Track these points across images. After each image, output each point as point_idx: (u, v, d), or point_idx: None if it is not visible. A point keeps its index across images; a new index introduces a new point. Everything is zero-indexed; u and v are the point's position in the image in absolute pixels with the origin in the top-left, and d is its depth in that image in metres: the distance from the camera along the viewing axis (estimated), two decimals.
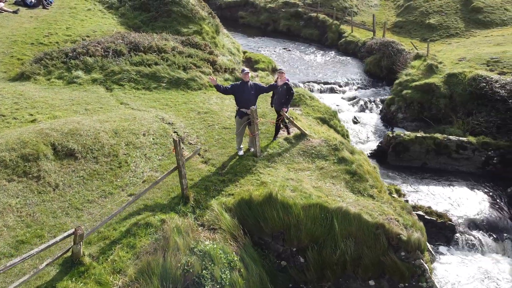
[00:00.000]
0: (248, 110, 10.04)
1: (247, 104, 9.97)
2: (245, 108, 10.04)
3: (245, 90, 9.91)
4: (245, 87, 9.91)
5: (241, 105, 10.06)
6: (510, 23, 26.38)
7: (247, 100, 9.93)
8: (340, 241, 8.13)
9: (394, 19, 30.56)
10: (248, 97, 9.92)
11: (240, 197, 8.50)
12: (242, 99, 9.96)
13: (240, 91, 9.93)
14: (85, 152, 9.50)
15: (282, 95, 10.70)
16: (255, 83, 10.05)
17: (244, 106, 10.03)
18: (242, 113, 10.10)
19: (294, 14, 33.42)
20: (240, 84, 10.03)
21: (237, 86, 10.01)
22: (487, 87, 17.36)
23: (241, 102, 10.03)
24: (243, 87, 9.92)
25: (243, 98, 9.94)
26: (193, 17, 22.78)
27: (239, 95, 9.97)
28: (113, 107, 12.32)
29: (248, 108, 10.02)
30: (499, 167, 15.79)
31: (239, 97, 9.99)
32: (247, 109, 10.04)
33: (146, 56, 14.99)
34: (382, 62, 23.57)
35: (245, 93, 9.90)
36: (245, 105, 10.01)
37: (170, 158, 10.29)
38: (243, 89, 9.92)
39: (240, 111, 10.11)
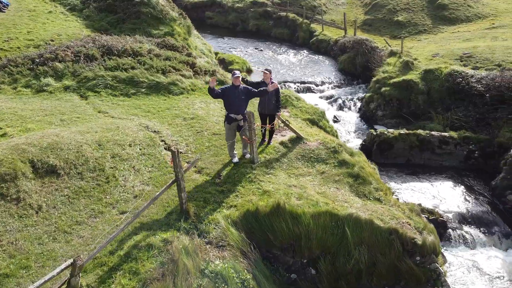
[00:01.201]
0: (238, 116, 9.47)
1: (237, 109, 9.41)
2: (234, 114, 9.46)
3: (235, 94, 9.34)
4: (235, 92, 9.34)
5: (230, 110, 9.48)
6: (474, 19, 27.19)
7: (237, 105, 9.37)
8: (353, 249, 7.75)
9: (363, 17, 30.82)
10: (238, 102, 9.35)
11: (245, 209, 7.94)
12: (232, 104, 9.39)
13: (230, 96, 9.36)
14: (68, 168, 8.62)
15: (271, 96, 10.22)
16: (245, 87, 9.50)
17: (234, 112, 9.46)
18: (231, 119, 9.52)
19: (263, 14, 33.06)
20: (230, 88, 9.45)
21: (227, 90, 9.43)
22: (464, 82, 17.62)
23: (230, 107, 9.45)
24: (233, 92, 9.35)
25: (233, 103, 9.37)
26: (163, 18, 21.89)
27: (228, 99, 9.39)
28: (91, 116, 11.40)
29: (238, 113, 9.44)
30: (481, 160, 16.03)
31: (229, 101, 9.41)
32: (236, 115, 9.46)
33: (121, 60, 14.08)
34: (357, 60, 23.59)
35: (235, 98, 9.34)
36: (234, 110, 9.44)
37: (160, 169, 9.58)
38: (233, 93, 9.35)
39: (229, 116, 9.52)
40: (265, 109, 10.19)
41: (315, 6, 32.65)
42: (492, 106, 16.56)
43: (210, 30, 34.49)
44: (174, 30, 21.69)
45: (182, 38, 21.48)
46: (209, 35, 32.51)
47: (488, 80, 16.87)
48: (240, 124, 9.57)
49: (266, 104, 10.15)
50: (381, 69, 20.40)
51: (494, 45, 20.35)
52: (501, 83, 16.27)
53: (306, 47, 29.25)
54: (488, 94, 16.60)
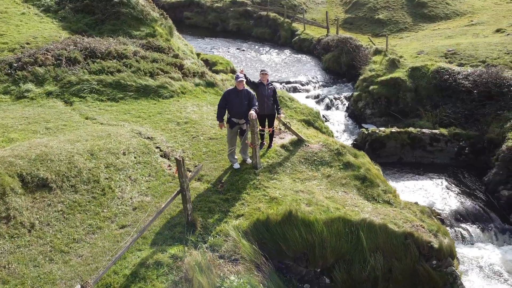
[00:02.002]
0: (240, 120, 9.08)
1: (240, 113, 9.01)
2: (236, 118, 9.07)
3: (238, 99, 8.93)
4: (238, 95, 8.94)
5: (232, 114, 9.08)
6: (453, 16, 27.59)
7: (240, 109, 8.97)
8: (369, 256, 7.46)
9: (344, 16, 30.84)
10: (241, 106, 8.95)
11: (255, 218, 7.53)
12: (235, 108, 8.99)
13: (233, 100, 8.96)
14: (60, 181, 7.99)
15: (269, 97, 9.87)
16: (248, 91, 9.09)
17: (236, 116, 9.06)
18: (233, 123, 9.12)
19: (243, 13, 32.65)
20: (232, 91, 9.04)
21: (229, 94, 9.03)
22: (451, 79, 17.73)
23: (233, 111, 9.05)
24: (236, 96, 8.94)
25: (236, 107, 8.97)
26: (144, 18, 21.13)
27: (231, 103, 8.99)
28: (78, 123, 10.72)
29: (240, 117, 9.05)
30: (471, 156, 16.14)
31: (232, 105, 9.01)
32: (239, 119, 9.07)
33: (106, 63, 13.39)
34: (342, 58, 23.50)
35: (238, 102, 8.93)
36: (237, 114, 9.04)
37: (158, 178, 9.05)
38: (236, 98, 8.95)
39: (231, 120, 9.12)
40: (264, 110, 9.79)
41: (296, 5, 32.47)
42: (480, 102, 16.71)
43: (189, 31, 33.82)
44: (156, 31, 20.99)
45: (164, 39, 20.79)
46: (188, 35, 31.84)
47: (475, 76, 17.01)
48: (243, 128, 9.17)
49: (265, 105, 9.76)
50: (368, 68, 20.34)
51: (476, 41, 20.62)
52: (489, 79, 16.42)
53: (289, 47, 29.02)
54: (475, 90, 16.73)
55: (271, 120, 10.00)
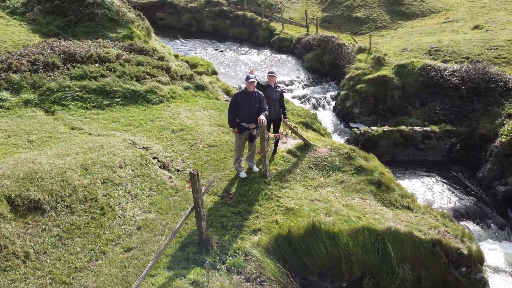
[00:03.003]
0: (251, 125, 8.48)
1: (250, 117, 8.40)
2: (246, 123, 8.45)
3: (248, 102, 8.31)
4: (248, 98, 8.31)
5: (242, 118, 8.45)
6: (429, 13, 27.91)
7: (250, 113, 8.36)
8: (397, 266, 7.02)
9: (321, 15, 30.65)
10: (251, 110, 8.34)
11: (275, 232, 6.94)
12: (245, 112, 8.35)
13: (243, 103, 8.32)
14: (54, 202, 7.12)
15: (276, 101, 9.34)
16: (258, 93, 8.48)
17: (246, 120, 8.44)
18: (243, 128, 8.50)
19: (219, 13, 31.91)
20: (242, 94, 8.40)
21: (239, 97, 8.39)
22: (438, 76, 17.72)
23: (242, 115, 8.41)
24: (246, 99, 8.32)
25: (246, 111, 8.34)
26: (120, 20, 20.09)
27: (241, 107, 8.35)
28: (64, 134, 9.78)
29: (250, 122, 8.45)
30: (462, 153, 16.16)
31: (241, 110, 8.36)
32: (249, 123, 8.47)
33: (88, 67, 12.43)
34: (324, 57, 23.21)
35: (249, 106, 8.31)
36: (247, 119, 8.42)
37: (160, 192, 8.30)
38: (246, 100, 8.32)
39: (240, 125, 8.49)
40: (271, 114, 9.21)
41: (272, 4, 32.05)
42: (468, 99, 16.76)
43: (163, 32, 32.69)
44: (134, 33, 20.00)
45: (143, 41, 19.84)
46: (162, 37, 30.77)
47: (462, 72, 17.06)
48: (252, 134, 8.56)
49: (272, 109, 9.19)
50: (353, 66, 20.11)
51: (457, 38, 20.79)
52: (476, 75, 16.48)
53: (268, 46, 28.53)
54: (463, 86, 16.77)
55: (277, 125, 9.45)
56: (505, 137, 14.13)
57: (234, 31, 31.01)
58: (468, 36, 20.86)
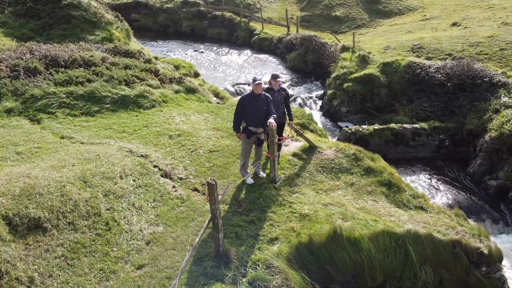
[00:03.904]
0: (258, 129, 8.16)
1: (258, 121, 8.09)
2: (254, 127, 8.13)
3: (256, 104, 7.98)
4: (256, 101, 7.98)
5: (250, 122, 8.11)
6: (406, 11, 28.31)
7: (258, 116, 8.03)
8: (419, 269, 6.85)
9: (300, 14, 30.58)
10: (259, 113, 8.02)
11: (296, 241, 6.64)
12: (253, 115, 8.02)
13: (250, 107, 7.98)
14: (55, 219, 6.57)
15: (280, 103, 9.05)
16: (266, 95, 8.15)
17: (254, 124, 8.11)
18: (251, 132, 8.16)
19: (196, 14, 31.34)
20: (249, 97, 8.05)
21: (246, 100, 8.04)
22: (423, 73, 17.88)
23: (250, 119, 8.07)
24: (253, 101, 7.98)
25: (254, 114, 8.01)
26: (98, 21, 19.31)
27: (248, 110, 8.01)
28: (54, 144, 9.15)
29: (258, 126, 8.13)
30: (451, 148, 16.33)
31: (249, 113, 8.02)
32: (257, 127, 8.14)
33: (72, 72, 11.76)
34: (308, 57, 23.10)
35: (256, 109, 7.98)
36: (255, 122, 8.09)
37: (165, 203, 7.85)
38: (253, 103, 7.99)
39: (248, 129, 8.14)
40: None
41: (250, 4, 31.76)
42: (454, 95, 16.98)
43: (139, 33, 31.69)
44: (113, 35, 19.28)
45: (123, 43, 19.16)
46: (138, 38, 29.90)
47: (447, 69, 17.27)
48: (260, 138, 8.23)
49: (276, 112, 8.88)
50: (339, 65, 20.07)
51: (438, 35, 21.10)
52: (461, 71, 16.71)
53: (248, 47, 28.21)
54: (449, 83, 16.98)
55: (281, 129, 9.15)
56: (495, 131, 14.34)
57: (212, 31, 30.52)
58: (448, 33, 21.20)
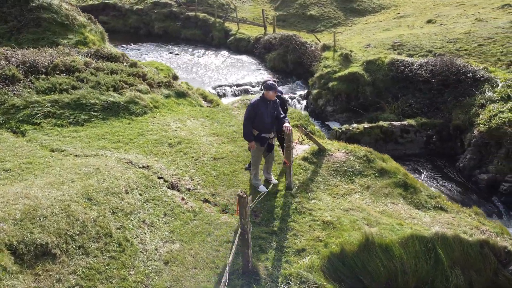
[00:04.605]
0: (270, 134, 7.78)
1: (270, 127, 7.72)
2: (267, 133, 7.73)
3: (267, 110, 7.58)
4: (267, 107, 7.58)
5: (262, 129, 7.69)
6: (379, 10, 28.66)
7: (270, 122, 7.66)
8: (450, 273, 6.67)
9: (274, 13, 30.34)
10: (270, 119, 7.64)
11: (328, 251, 6.29)
12: (264, 121, 7.62)
13: (263, 113, 7.56)
14: (63, 243, 5.90)
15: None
16: (275, 101, 7.76)
17: (266, 131, 7.72)
18: (264, 139, 7.76)
19: (168, 15, 30.48)
20: (261, 102, 7.60)
21: (258, 105, 7.59)
22: (407, 70, 18.02)
23: (263, 126, 7.65)
24: (265, 107, 7.57)
25: (266, 120, 7.61)
26: (70, 24, 18.30)
27: (260, 117, 7.58)
28: (45, 158, 8.37)
29: (270, 131, 7.75)
30: (438, 144, 16.52)
31: (261, 119, 7.59)
32: (269, 133, 7.76)
33: (55, 79, 10.92)
34: (288, 56, 22.87)
35: (268, 115, 7.59)
36: (267, 128, 7.71)
37: (177, 217, 7.31)
38: (265, 108, 7.58)
39: (261, 137, 7.72)
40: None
41: (224, 4, 31.24)
42: (439, 91, 17.20)
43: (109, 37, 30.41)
44: (87, 38, 18.32)
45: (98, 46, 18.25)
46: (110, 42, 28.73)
47: (430, 66, 17.47)
48: (271, 143, 7.84)
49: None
50: (322, 64, 19.95)
51: (416, 32, 21.39)
52: (445, 68, 16.94)
53: (224, 47, 27.70)
54: (433, 79, 17.18)
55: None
56: (483, 126, 14.58)
57: (186, 32, 29.79)
58: (425, 30, 21.54)
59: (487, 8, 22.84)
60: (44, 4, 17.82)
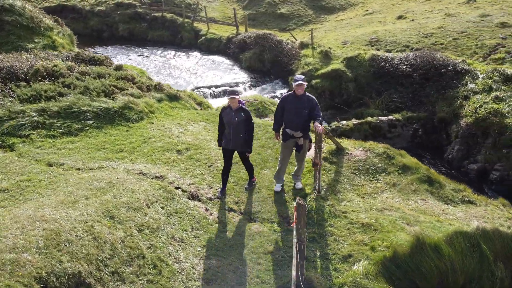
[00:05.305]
0: (296, 132, 7.40)
1: (297, 124, 7.35)
2: (292, 130, 7.37)
3: (294, 105, 7.25)
4: (296, 102, 7.23)
5: (287, 124, 7.45)
6: (348, 7, 28.97)
7: (296, 118, 7.30)
8: (495, 268, 6.55)
9: (242, 12, 29.87)
10: (298, 115, 7.28)
11: (381, 256, 5.96)
12: (291, 117, 7.34)
13: (290, 107, 7.29)
14: (96, 270, 5.18)
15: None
16: (309, 98, 7.39)
17: (292, 127, 7.39)
18: (287, 135, 7.46)
19: (133, 16, 29.22)
20: (290, 96, 7.34)
21: (286, 100, 7.38)
22: (388, 65, 18.19)
23: (288, 121, 7.41)
24: (294, 102, 7.25)
25: (292, 115, 7.32)
26: (36, 27, 17.06)
27: (287, 111, 7.36)
28: (44, 174, 7.46)
29: (297, 130, 7.39)
30: (424, 137, 16.77)
31: (287, 113, 7.38)
32: (295, 131, 7.38)
33: (39, 86, 9.90)
34: (265, 55, 22.51)
35: (294, 110, 7.26)
36: (293, 125, 7.37)
37: (206, 230, 6.74)
38: (293, 103, 7.25)
39: (285, 131, 7.48)
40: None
41: (190, 4, 30.38)
42: (421, 85, 17.47)
43: None
44: (55, 41, 17.14)
45: (68, 50, 17.07)
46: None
47: (411, 60, 17.72)
48: (298, 143, 7.45)
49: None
50: (302, 62, 19.76)
51: (390, 28, 21.71)
52: (426, 61, 17.23)
53: (195, 48, 26.89)
54: (415, 73, 17.43)
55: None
56: (469, 117, 14.91)
57: (153, 34, 28.68)
58: (399, 26, 21.91)
59: (453, 3, 23.63)
60: (6, 5, 16.45)
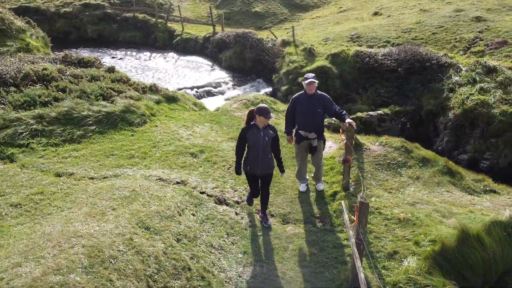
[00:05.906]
0: (310, 134, 7.17)
1: (309, 124, 7.13)
2: (305, 131, 7.15)
3: (307, 105, 7.03)
4: (308, 102, 7.02)
5: (300, 125, 7.21)
6: (321, 4, 29.18)
7: (309, 119, 7.07)
8: None
9: (216, 12, 29.43)
10: (311, 115, 7.05)
11: (431, 250, 5.87)
12: (303, 117, 7.10)
13: (302, 107, 7.05)
14: (146, 287, 4.75)
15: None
16: (323, 96, 7.19)
17: (305, 128, 7.16)
18: (300, 137, 7.24)
19: (103, 17, 28.09)
20: (302, 96, 7.11)
21: (297, 100, 7.16)
22: (372, 61, 18.40)
23: (300, 122, 7.19)
24: (306, 102, 7.03)
25: (304, 116, 7.09)
26: (8, 29, 15.98)
27: (299, 112, 7.10)
28: (56, 186, 6.86)
29: (310, 130, 7.15)
30: (412, 130, 17.08)
31: (299, 114, 7.13)
32: (308, 132, 7.16)
33: (31, 91, 9.17)
34: (246, 54, 22.23)
35: (306, 110, 7.05)
36: (307, 127, 7.14)
37: (242, 236, 6.44)
38: (305, 103, 7.03)
39: (298, 133, 7.25)
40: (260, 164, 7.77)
41: (162, 4, 29.58)
42: (405, 79, 17.78)
43: None
44: (29, 44, 16.14)
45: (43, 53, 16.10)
46: None
47: (395, 55, 18.01)
48: (313, 145, 7.23)
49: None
50: (287, 60, 19.62)
51: (368, 25, 21.99)
52: (410, 56, 17.56)
53: (171, 49, 26.19)
54: (400, 68, 17.73)
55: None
56: (458, 109, 15.30)
57: (125, 35, 27.69)
58: (376, 22, 22.25)
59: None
60: None
